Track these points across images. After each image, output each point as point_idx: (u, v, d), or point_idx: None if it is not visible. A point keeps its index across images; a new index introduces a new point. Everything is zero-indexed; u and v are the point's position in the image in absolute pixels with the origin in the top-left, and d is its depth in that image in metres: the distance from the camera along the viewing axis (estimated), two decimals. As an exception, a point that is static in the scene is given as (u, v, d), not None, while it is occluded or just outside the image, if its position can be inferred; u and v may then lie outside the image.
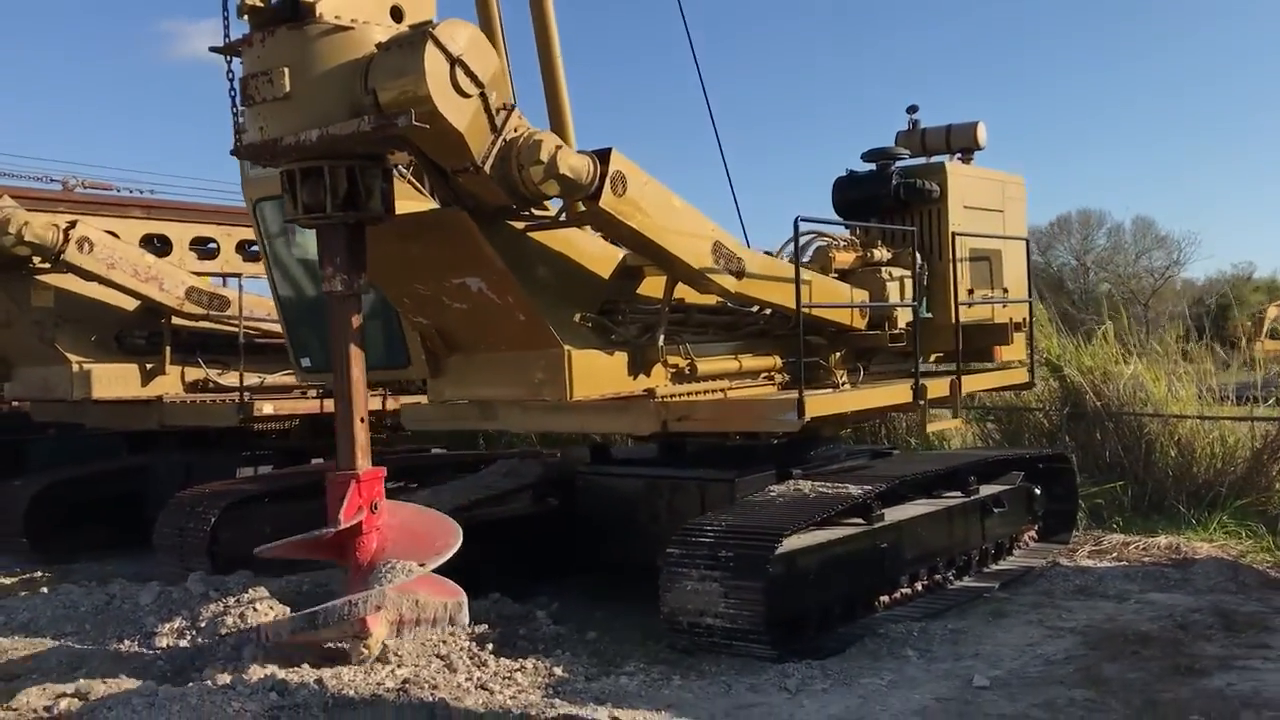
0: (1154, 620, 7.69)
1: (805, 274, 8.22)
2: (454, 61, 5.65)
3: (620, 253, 7.46)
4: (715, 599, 6.66)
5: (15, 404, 11.88)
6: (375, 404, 10.20)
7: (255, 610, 7.11)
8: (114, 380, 10.35)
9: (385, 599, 5.97)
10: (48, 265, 9.70)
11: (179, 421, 10.49)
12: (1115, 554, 9.84)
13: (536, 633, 7.49)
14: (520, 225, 6.69)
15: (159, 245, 11.27)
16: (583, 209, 6.37)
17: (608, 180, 6.25)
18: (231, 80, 6.18)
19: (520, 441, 13.06)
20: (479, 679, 6.31)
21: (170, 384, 10.72)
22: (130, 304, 10.36)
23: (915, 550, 8.25)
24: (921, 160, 9.67)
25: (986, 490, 9.19)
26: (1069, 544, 10.12)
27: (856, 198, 9.40)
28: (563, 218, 6.68)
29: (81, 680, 6.17)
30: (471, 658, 6.69)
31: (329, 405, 10.66)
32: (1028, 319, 10.07)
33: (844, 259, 8.93)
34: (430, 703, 5.66)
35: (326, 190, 6.05)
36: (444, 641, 6.86)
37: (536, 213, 6.69)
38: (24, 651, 6.83)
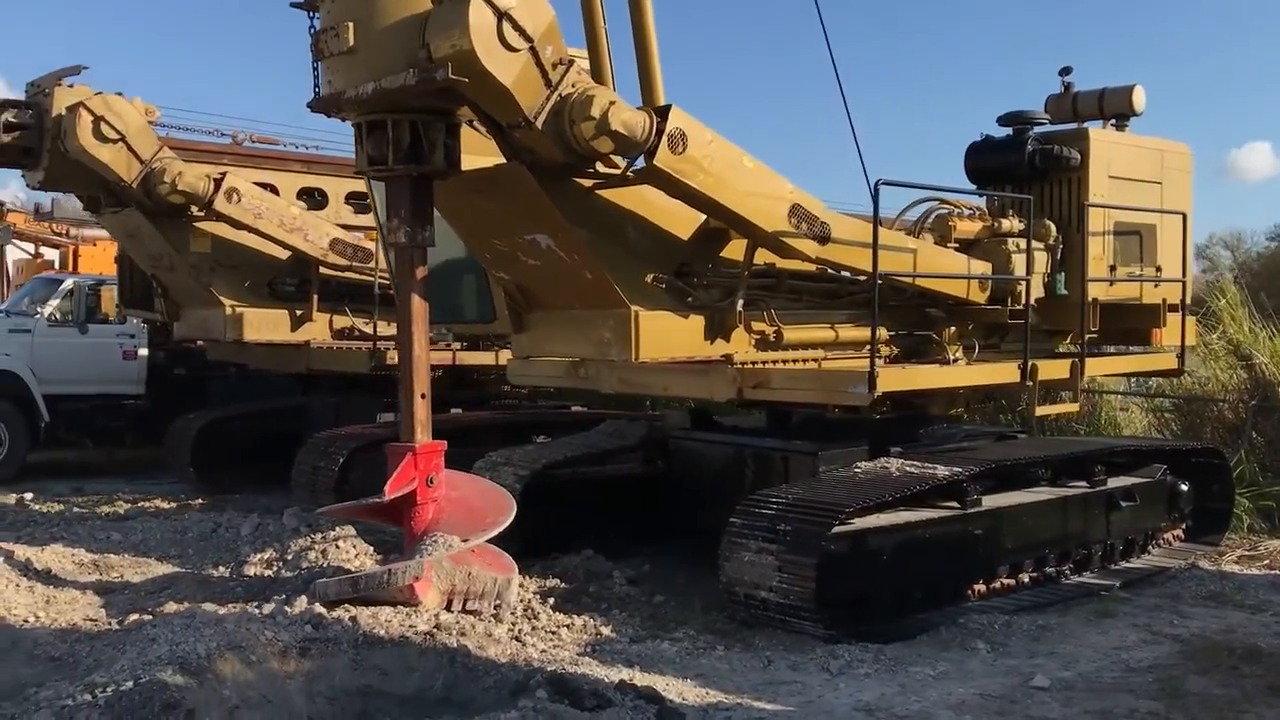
0: (1278, 636, 6.98)
1: (911, 242, 7.85)
2: (501, 15, 5.65)
3: (702, 214, 7.30)
4: (770, 572, 6.49)
5: (200, 343, 12.77)
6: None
7: (338, 548, 7.42)
8: (264, 324, 10.98)
9: (423, 570, 6.11)
10: (202, 214, 10.36)
11: (322, 366, 11.04)
12: (1268, 561, 8.98)
13: (607, 591, 7.52)
14: (587, 183, 6.64)
15: (318, 198, 11.84)
16: (642, 166, 6.25)
17: (665, 137, 6.12)
18: (312, 35, 6.39)
19: (665, 404, 13.03)
20: (520, 630, 6.38)
21: (318, 330, 11.28)
22: (282, 254, 10.95)
23: (1018, 540, 7.76)
24: (1065, 126, 8.99)
25: (1117, 482, 8.54)
26: (1218, 546, 9.30)
27: (989, 165, 8.85)
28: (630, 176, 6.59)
29: (166, 600, 6.64)
30: (526, 609, 6.79)
31: (462, 356, 11.15)
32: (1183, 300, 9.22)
33: (968, 229, 8.45)
34: (452, 648, 5.77)
35: (389, 143, 6.18)
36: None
37: (604, 170, 6.63)
38: (128, 569, 7.38)
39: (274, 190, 11.27)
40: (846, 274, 7.77)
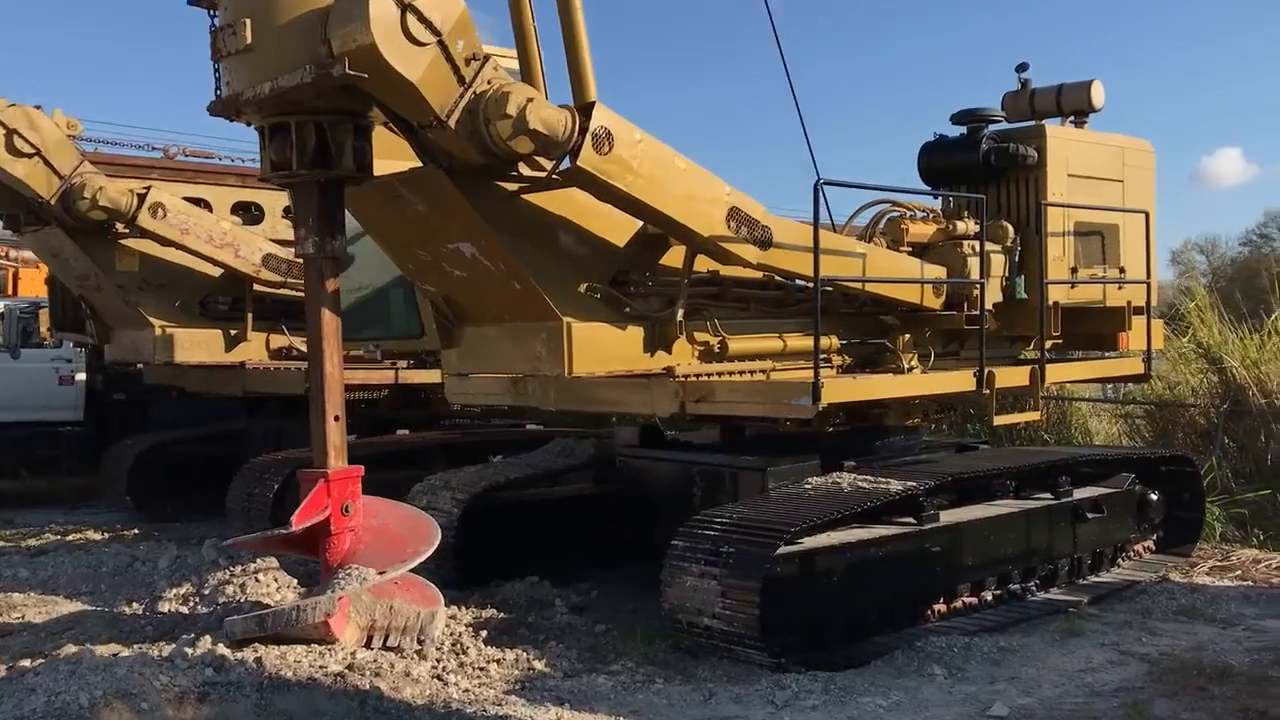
0: (1250, 653, 6.62)
1: (861, 247, 7.48)
2: (405, 7, 5.25)
3: (639, 220, 6.92)
4: (713, 598, 6.09)
5: (139, 366, 12.30)
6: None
7: (259, 580, 6.98)
8: (197, 345, 10.53)
9: (334, 606, 5.68)
10: (127, 230, 9.92)
11: (258, 388, 10.59)
12: (1240, 572, 8.64)
13: (547, 621, 7.10)
14: (511, 186, 6.25)
15: (254, 213, 11.41)
16: (565, 169, 5.86)
17: (588, 136, 5.73)
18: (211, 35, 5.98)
19: (625, 420, 12.62)
20: (444, 668, 5.95)
21: (254, 350, 10.83)
22: (215, 271, 10.50)
23: (979, 557, 7.39)
24: (1022, 124, 8.66)
25: (1084, 493, 8.19)
26: (1189, 557, 8.95)
27: (943, 165, 8.51)
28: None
29: (67, 642, 6.18)
30: (454, 644, 6.36)
31: (407, 375, 10.72)
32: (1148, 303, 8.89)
33: (921, 232, 8.09)
34: (364, 690, 5.34)
35: (293, 147, 5.78)
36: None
37: (528, 172, 6.24)
38: (32, 608, 6.92)
39: (207, 205, 10.84)
40: (795, 280, 7.39)
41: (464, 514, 7.81)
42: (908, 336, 7.97)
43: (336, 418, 6.05)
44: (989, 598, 7.56)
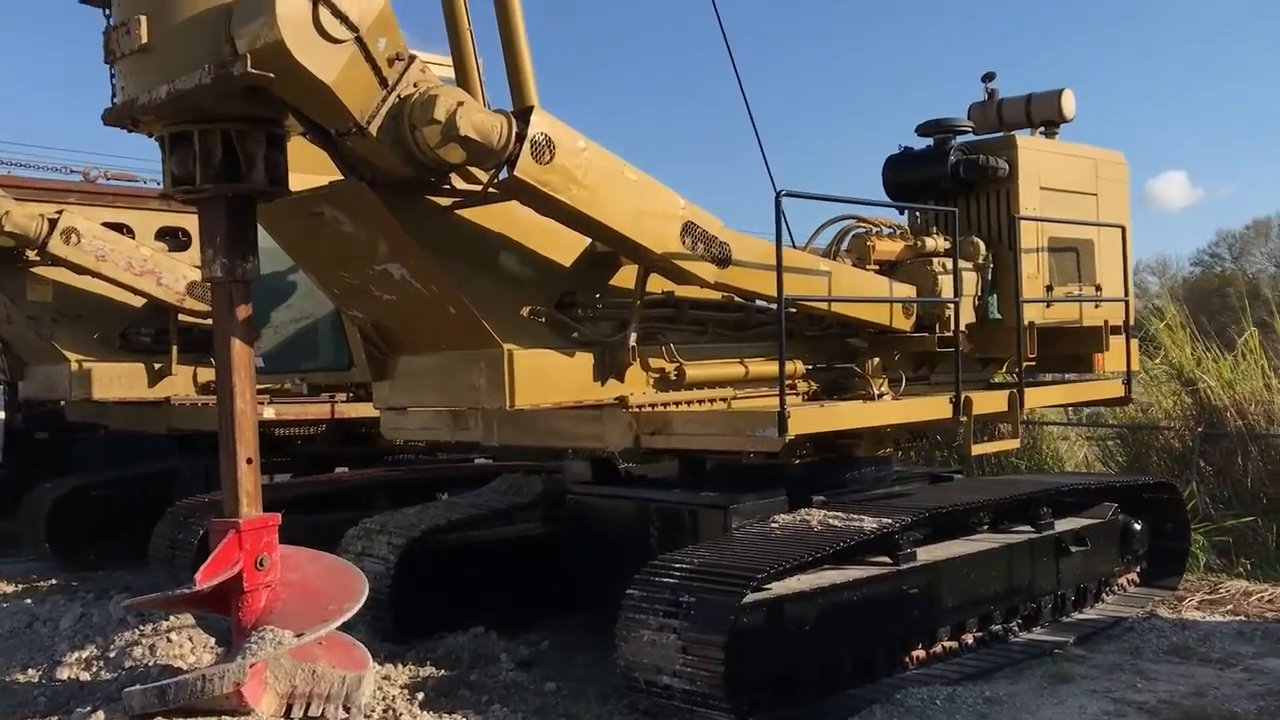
0: (1255, 698, 6.12)
1: (825, 264, 6.96)
2: (318, 0, 4.67)
3: (586, 236, 6.36)
4: (673, 654, 5.48)
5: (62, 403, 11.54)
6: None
7: (170, 641, 6.31)
8: (116, 380, 9.83)
9: (244, 673, 5.03)
10: (38, 258, 9.23)
11: (185, 425, 9.88)
12: (1231, 605, 8.16)
13: (492, 679, 6.46)
14: (443, 201, 5.67)
15: (181, 238, 10.72)
16: (502, 180, 5.29)
17: (526, 144, 5.17)
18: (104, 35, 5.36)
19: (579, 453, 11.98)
20: (374, 738, 5.32)
21: (180, 385, 10.14)
22: (137, 301, 9.82)
23: (960, 597, 6.85)
24: (991, 135, 8.21)
25: (1065, 525, 7.69)
26: (1176, 590, 8.47)
27: (910, 179, 8.02)
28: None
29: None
30: (387, 709, 5.73)
31: (345, 409, 10.07)
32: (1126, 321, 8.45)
33: (888, 249, 7.59)
34: (278, 771, 4.69)
35: (197, 159, 5.17)
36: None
37: (461, 185, 5.67)
38: (-86, 678, 6.19)
39: (128, 231, 10.15)
40: (756, 301, 6.86)
41: (402, 561, 7.18)
42: (877, 360, 7.44)
43: (249, 460, 5.41)
44: (970, 640, 7.02)
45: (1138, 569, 8.47)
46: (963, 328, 7.61)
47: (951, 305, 7.11)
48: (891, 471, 7.89)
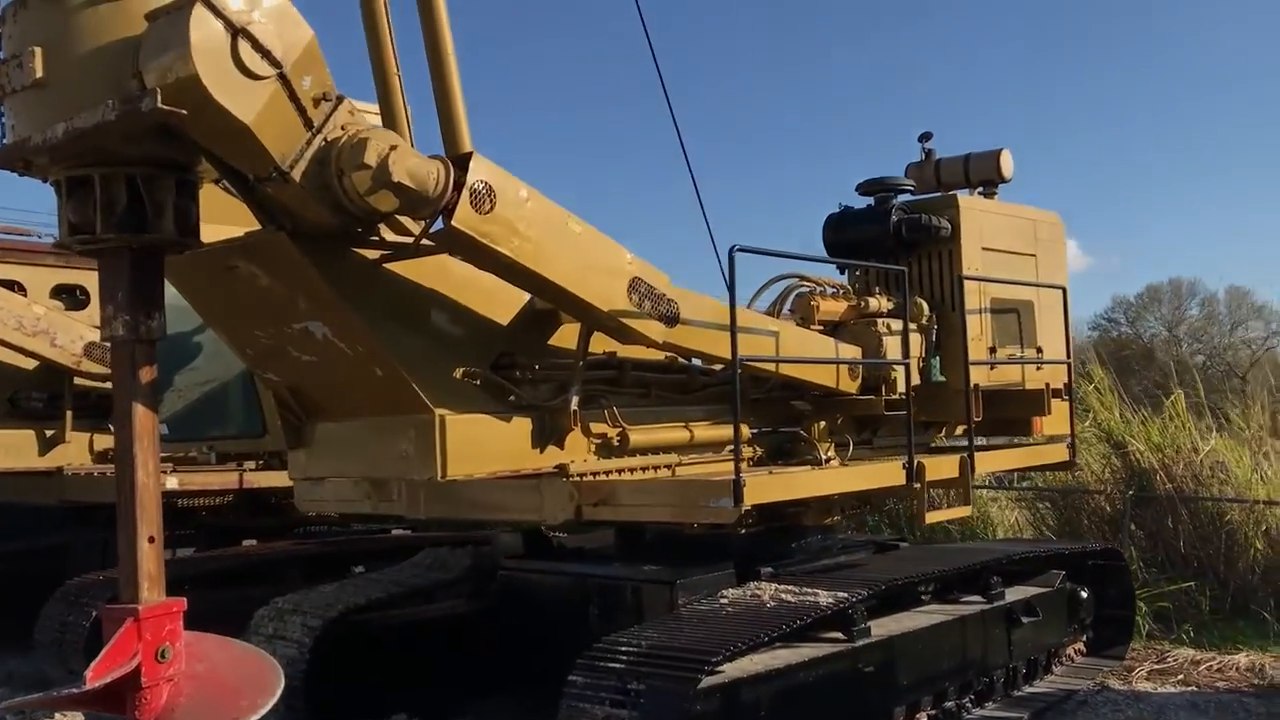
0: (1224, 777, 5.86)
1: (773, 324, 6.67)
2: (237, 31, 4.26)
3: (525, 293, 5.98)
4: (623, 747, 5.03)
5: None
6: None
7: (57, 742, 5.65)
8: (5, 448, 9.09)
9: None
10: (-83, 318, 8.55)
11: (79, 496, 9.16)
12: (1181, 675, 7.96)
13: (418, 774, 5.94)
14: (371, 254, 5.24)
15: (79, 296, 10.06)
16: (439, 229, 4.88)
17: (465, 192, 4.78)
18: (-4, 70, 4.86)
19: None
20: None
21: (75, 453, 9.42)
22: (28, 363, 9.13)
23: (914, 674, 6.51)
24: (930, 195, 8.06)
25: (1015, 594, 7.43)
26: (1123, 660, 8.25)
27: (851, 238, 7.80)
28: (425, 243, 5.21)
29: None
30: (304, 814, 5.16)
31: (253, 478, 9.45)
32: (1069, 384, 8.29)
33: (832, 309, 7.33)
34: None
35: (98, 206, 4.66)
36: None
37: (391, 237, 5.25)
38: None
39: (20, 289, 9.46)
40: (698, 362, 6.52)
41: (317, 644, 6.61)
42: (823, 424, 7.17)
43: (151, 539, 4.84)
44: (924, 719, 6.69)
45: (1084, 639, 8.24)
46: (897, 391, 7.38)
47: (902, 367, 6.84)
48: (837, 540, 7.57)
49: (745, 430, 6.87)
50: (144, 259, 4.83)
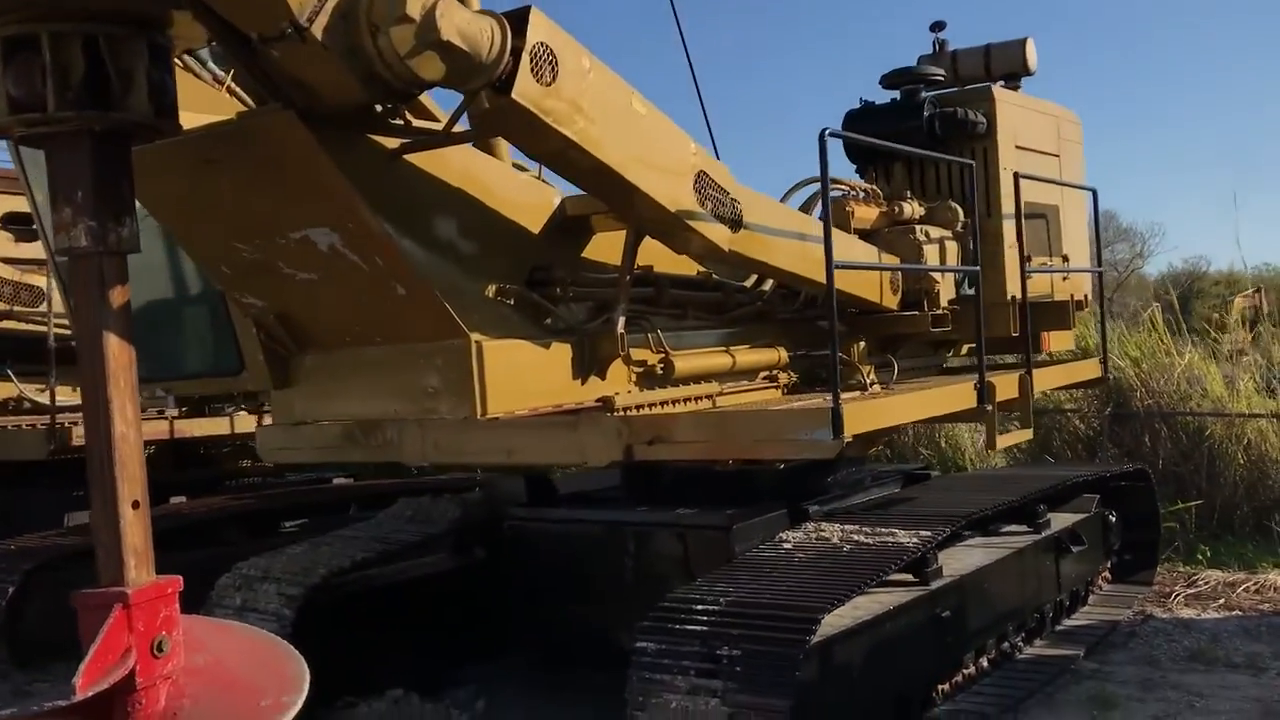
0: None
1: (837, 233, 5.84)
2: None
3: (554, 194, 5.04)
4: (716, 726, 4.23)
5: None
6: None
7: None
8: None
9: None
10: None
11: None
12: (1221, 600, 7.52)
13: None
14: (391, 143, 4.23)
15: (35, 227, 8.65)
16: (487, 106, 3.90)
17: (525, 56, 3.81)
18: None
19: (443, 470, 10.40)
20: None
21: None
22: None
23: (984, 615, 5.90)
24: (959, 87, 7.30)
25: (1059, 522, 6.86)
26: (1152, 585, 7.81)
27: (878, 135, 6.99)
28: (458, 128, 4.23)
29: None
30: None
31: (184, 425, 8.31)
32: (1092, 295, 7.71)
33: (866, 215, 6.55)
34: None
35: (47, 74, 3.56)
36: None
37: (417, 123, 4.26)
38: None
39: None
40: (754, 279, 5.69)
41: (300, 615, 5.65)
42: (862, 345, 6.42)
43: (136, 504, 3.82)
44: (985, 664, 6.08)
45: (1110, 564, 7.76)
46: (946, 304, 6.69)
47: (974, 275, 6.12)
48: (868, 472, 6.87)
49: (784, 354, 6.10)
50: (110, 146, 3.75)
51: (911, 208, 6.75)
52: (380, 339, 4.64)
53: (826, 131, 4.64)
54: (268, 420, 7.08)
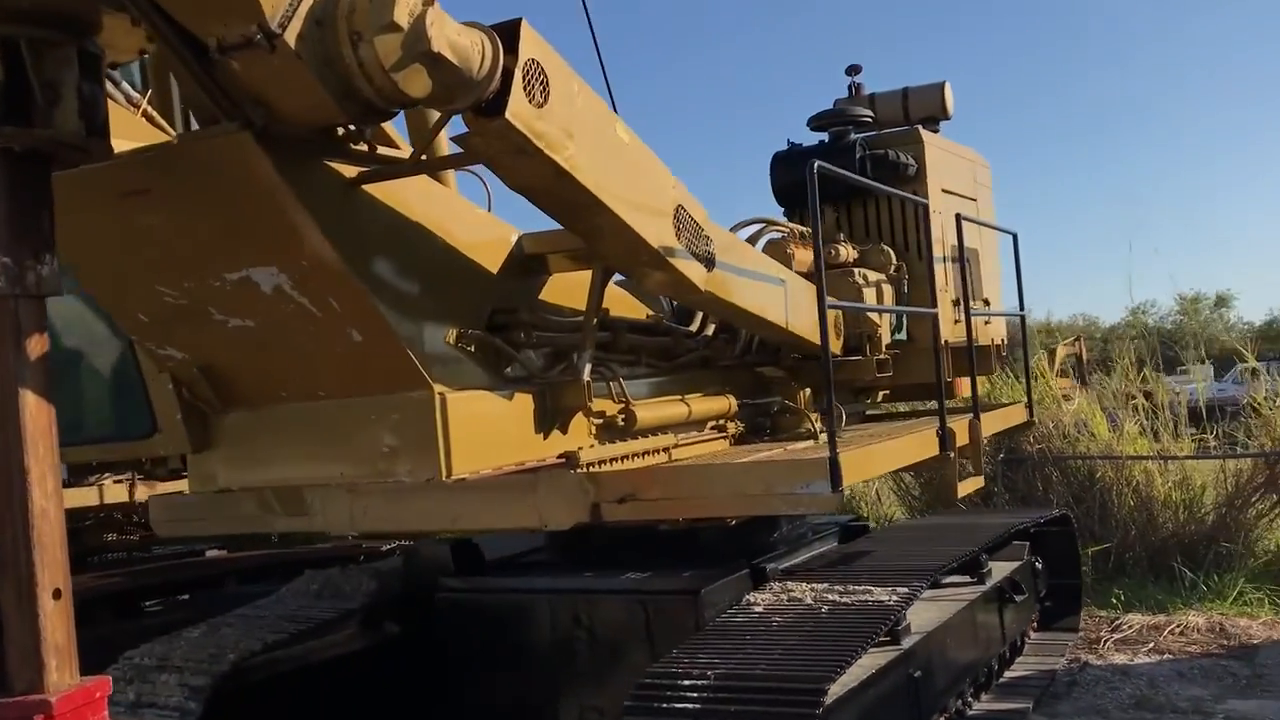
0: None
1: (784, 272, 5.59)
2: None
3: (510, 231, 4.62)
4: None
5: None
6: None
7: None
8: None
9: None
10: None
11: None
12: (1149, 643, 7.50)
13: None
14: (348, 171, 3.75)
15: None
16: (473, 129, 3.47)
17: (518, 74, 3.40)
18: None
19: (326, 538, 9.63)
20: None
21: None
22: None
23: (949, 673, 5.65)
24: (886, 131, 7.20)
25: (999, 572, 6.70)
26: (1078, 631, 7.74)
27: (804, 177, 6.80)
28: (426, 157, 3.78)
29: None
30: None
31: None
32: (1017, 338, 7.68)
33: (804, 258, 6.32)
34: None
35: (-44, 82, 3.00)
36: None
37: (385, 153, 3.80)
38: None
39: None
40: (698, 325, 5.35)
41: (208, 711, 4.98)
42: (807, 392, 6.17)
43: (58, 594, 3.24)
44: (944, 723, 5.83)
45: (1037, 612, 7.66)
46: (882, 350, 6.52)
47: (930, 317, 5.95)
48: (807, 525, 6.59)
49: (733, 402, 5.78)
50: (29, 169, 3.20)
51: (846, 250, 6.57)
52: (325, 393, 4.11)
53: (816, 163, 4.37)
54: (161, 488, 6.36)
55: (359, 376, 3.99)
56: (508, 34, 3.41)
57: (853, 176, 5.03)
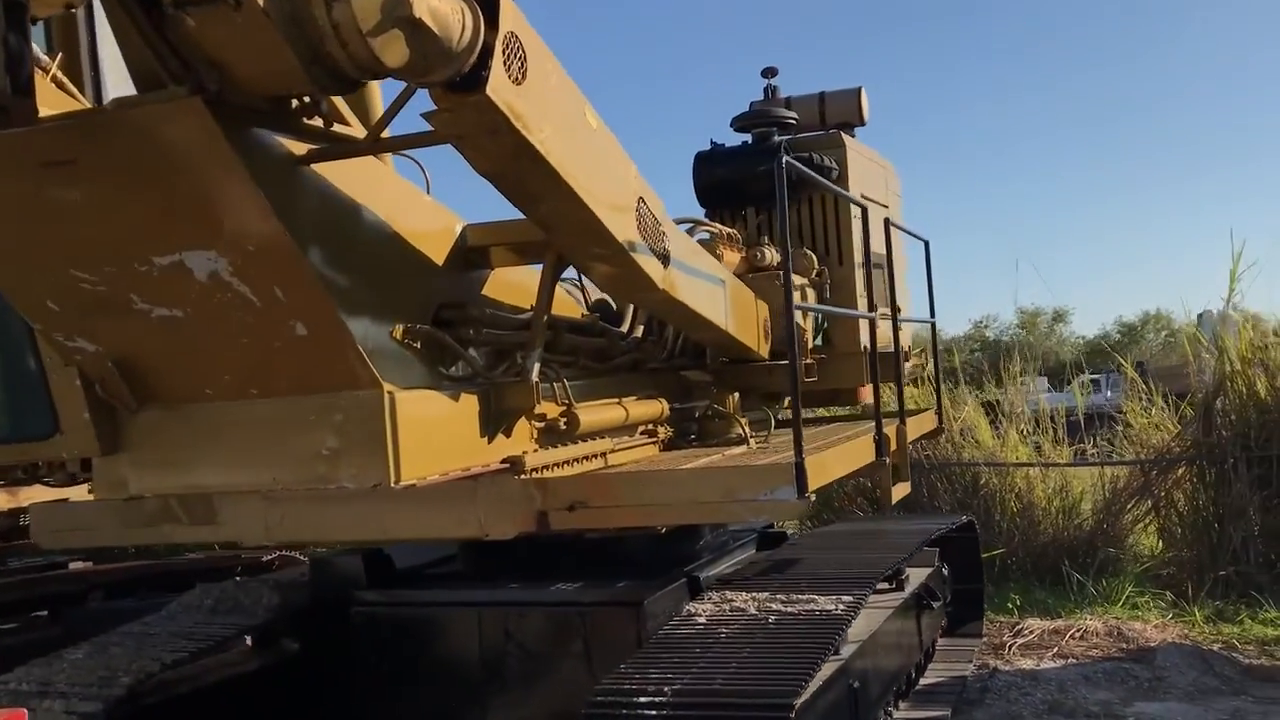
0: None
1: (723, 272, 5.43)
2: None
3: (455, 221, 4.34)
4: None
5: None
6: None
7: None
8: None
9: None
10: None
11: None
12: (1053, 648, 7.61)
13: None
14: (299, 148, 3.43)
15: None
16: (446, 105, 3.19)
17: (499, 48, 3.15)
18: None
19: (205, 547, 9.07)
20: None
21: None
22: None
23: (880, 682, 5.58)
24: (807, 135, 7.13)
25: (914, 579, 6.68)
26: (982, 637, 7.81)
27: (729, 177, 6.71)
28: (388, 133, 3.49)
29: None
30: None
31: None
32: (927, 344, 7.72)
33: (730, 260, 6.19)
34: None
35: None
36: None
37: (341, 130, 3.49)
38: None
39: None
40: (627, 326, 5.16)
41: (104, 737, 4.54)
42: (736, 396, 6.03)
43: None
44: (871, 733, 5.75)
45: (944, 618, 7.70)
46: (808, 354, 6.44)
47: (851, 323, 5.86)
48: (726, 534, 6.44)
49: (665, 406, 5.60)
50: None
51: (770, 253, 6.45)
52: (258, 390, 3.75)
53: (784, 157, 4.22)
54: (43, 494, 5.80)
55: (298, 373, 3.65)
56: (488, 5, 3.15)
57: (817, 177, 4.91)
